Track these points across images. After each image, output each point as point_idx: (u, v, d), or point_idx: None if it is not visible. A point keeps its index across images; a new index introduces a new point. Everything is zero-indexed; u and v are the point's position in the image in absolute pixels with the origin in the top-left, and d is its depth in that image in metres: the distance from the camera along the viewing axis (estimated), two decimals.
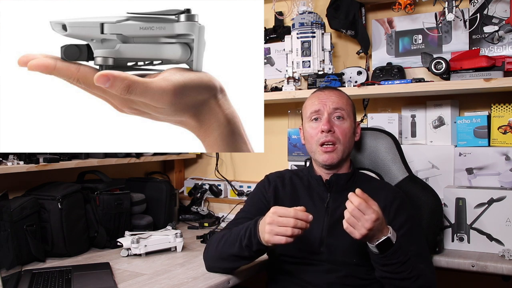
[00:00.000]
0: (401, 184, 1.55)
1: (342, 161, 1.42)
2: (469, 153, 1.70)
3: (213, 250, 1.39)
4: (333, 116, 1.40)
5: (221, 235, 1.38)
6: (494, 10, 1.75)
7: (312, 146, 1.42)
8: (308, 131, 1.43)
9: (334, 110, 1.40)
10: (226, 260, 1.36)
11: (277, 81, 2.15)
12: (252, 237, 1.26)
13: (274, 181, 1.51)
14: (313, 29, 1.95)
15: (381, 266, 1.23)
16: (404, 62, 1.97)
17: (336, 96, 1.42)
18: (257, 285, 1.79)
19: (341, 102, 1.41)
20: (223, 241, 1.35)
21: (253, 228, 1.26)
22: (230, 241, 1.33)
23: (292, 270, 1.40)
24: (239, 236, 1.30)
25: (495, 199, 1.54)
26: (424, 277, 1.25)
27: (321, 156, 1.40)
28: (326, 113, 1.39)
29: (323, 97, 1.43)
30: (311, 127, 1.42)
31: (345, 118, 1.41)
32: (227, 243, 1.33)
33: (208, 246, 1.43)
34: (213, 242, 1.39)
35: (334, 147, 1.38)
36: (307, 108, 1.46)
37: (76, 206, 1.74)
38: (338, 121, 1.40)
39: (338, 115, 1.40)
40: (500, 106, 1.71)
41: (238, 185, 2.37)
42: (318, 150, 1.40)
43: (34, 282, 1.37)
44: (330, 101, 1.41)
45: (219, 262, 1.39)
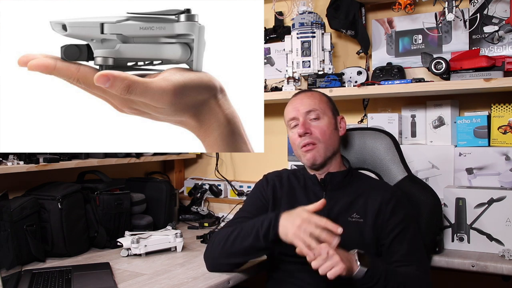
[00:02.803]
0: (400, 184, 1.55)
1: (328, 158, 1.43)
2: (469, 153, 1.70)
3: (220, 247, 1.37)
4: (309, 119, 1.42)
5: (228, 232, 1.36)
6: (494, 10, 1.75)
7: (297, 151, 1.46)
8: (291, 137, 1.47)
9: (307, 113, 1.42)
10: (236, 255, 1.35)
11: (277, 81, 2.15)
12: (271, 228, 1.25)
13: (272, 180, 1.52)
14: (313, 29, 1.95)
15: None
16: (404, 62, 1.97)
17: (308, 98, 1.45)
18: (257, 285, 1.79)
19: (313, 103, 1.43)
20: (234, 236, 1.33)
21: (273, 221, 1.25)
22: (242, 235, 1.31)
23: (291, 270, 1.40)
24: (254, 227, 1.29)
25: (495, 199, 1.54)
26: (412, 282, 1.25)
27: (305, 158, 1.42)
28: (301, 118, 1.42)
29: (296, 102, 1.46)
30: (292, 133, 1.46)
31: (321, 117, 1.43)
32: (240, 237, 1.32)
33: (211, 245, 1.42)
34: (219, 240, 1.38)
35: (314, 146, 1.40)
36: (285, 117, 1.49)
37: (76, 206, 1.74)
38: (315, 122, 1.42)
39: (313, 116, 1.42)
40: (500, 106, 1.71)
41: (238, 185, 2.37)
42: (301, 152, 1.43)
43: (34, 282, 1.37)
44: (302, 105, 1.43)
45: (227, 258, 1.37)
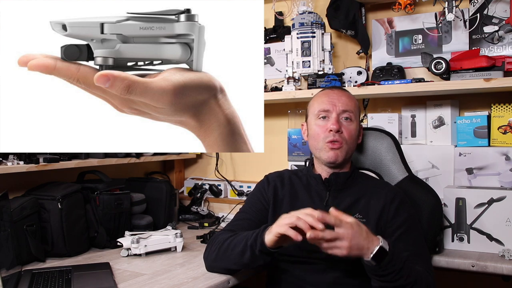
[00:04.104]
0: (401, 184, 1.55)
1: (345, 161, 1.43)
2: (469, 153, 1.70)
3: (215, 253, 1.38)
4: (342, 117, 1.41)
5: (224, 238, 1.37)
6: (494, 10, 1.75)
7: (318, 143, 1.42)
8: (314, 128, 1.43)
9: (343, 111, 1.41)
10: (229, 263, 1.35)
11: (277, 81, 2.15)
12: (258, 236, 1.24)
13: (274, 181, 1.51)
14: (313, 29, 1.95)
15: (378, 277, 1.21)
16: (404, 62, 1.97)
17: (346, 98, 1.44)
18: (257, 285, 1.79)
19: (350, 105, 1.43)
20: (226, 244, 1.34)
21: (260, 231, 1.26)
22: (233, 245, 1.32)
23: (291, 269, 1.40)
24: (244, 239, 1.29)
25: (495, 199, 1.54)
26: (422, 280, 1.25)
27: (327, 153, 1.40)
28: (335, 113, 1.40)
29: (334, 97, 1.43)
30: (318, 125, 1.42)
31: (353, 120, 1.42)
32: (231, 247, 1.32)
33: (209, 247, 1.42)
34: (216, 245, 1.38)
35: (341, 145, 1.39)
36: (315, 106, 1.45)
37: (76, 206, 1.74)
38: (346, 122, 1.41)
39: (347, 116, 1.41)
40: (500, 106, 1.71)
41: (238, 185, 2.37)
42: (325, 147, 1.39)
43: (34, 282, 1.37)
44: (340, 102, 1.41)
45: (221, 264, 1.38)
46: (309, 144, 1.49)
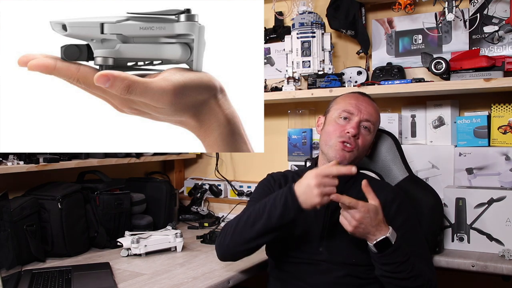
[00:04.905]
0: (401, 184, 1.55)
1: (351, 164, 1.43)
2: (469, 153, 1.70)
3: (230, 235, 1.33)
4: (362, 125, 1.42)
5: (237, 218, 1.34)
6: (494, 10, 1.75)
7: (331, 140, 1.41)
8: (333, 125, 1.43)
9: (366, 120, 1.42)
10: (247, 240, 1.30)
11: (277, 81, 2.15)
12: (290, 203, 1.22)
13: (279, 179, 1.51)
14: (313, 29, 1.95)
15: (380, 265, 1.24)
16: (404, 62, 1.97)
17: (373, 108, 1.45)
18: (257, 285, 1.79)
19: (374, 116, 1.45)
20: (243, 220, 1.30)
21: (289, 195, 1.23)
22: (253, 217, 1.28)
23: (292, 270, 1.40)
24: (266, 208, 1.26)
25: (495, 199, 1.54)
26: (424, 276, 1.26)
27: (336, 151, 1.39)
28: (358, 118, 1.41)
29: (362, 103, 1.44)
30: (337, 123, 1.43)
31: (371, 132, 1.44)
32: (250, 221, 1.28)
33: (222, 233, 1.37)
34: (229, 226, 1.35)
35: (352, 150, 1.39)
36: (341, 104, 1.46)
37: (76, 206, 1.74)
38: (364, 131, 1.42)
39: (367, 126, 1.42)
40: (500, 106, 1.71)
41: (238, 185, 2.37)
42: (337, 144, 1.39)
43: (34, 282, 1.37)
44: (366, 110, 1.43)
45: (239, 237, 1.32)
46: (320, 138, 1.49)
